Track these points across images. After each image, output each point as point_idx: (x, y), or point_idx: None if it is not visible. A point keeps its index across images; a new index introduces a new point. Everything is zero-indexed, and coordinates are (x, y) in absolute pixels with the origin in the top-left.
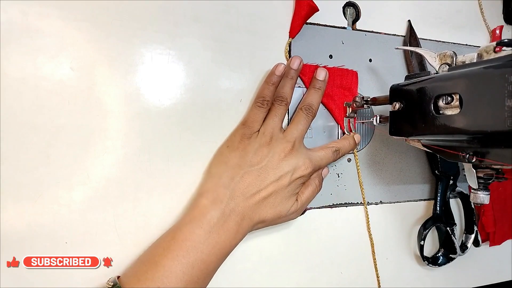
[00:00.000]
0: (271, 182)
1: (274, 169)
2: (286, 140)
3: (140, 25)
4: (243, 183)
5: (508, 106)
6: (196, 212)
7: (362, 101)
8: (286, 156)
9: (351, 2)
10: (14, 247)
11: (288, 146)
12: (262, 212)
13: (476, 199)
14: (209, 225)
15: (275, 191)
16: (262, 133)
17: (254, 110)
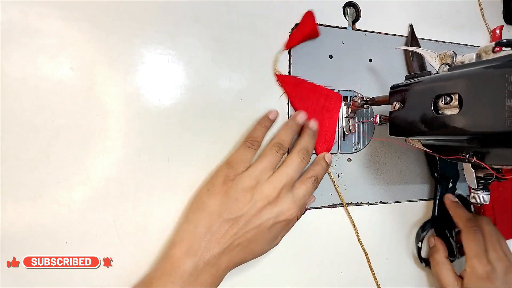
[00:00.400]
0: (250, 229)
1: (254, 217)
2: (273, 187)
3: (140, 25)
4: (220, 233)
5: (508, 106)
6: (168, 264)
7: (362, 101)
8: (270, 204)
9: (351, 2)
10: (14, 247)
11: (273, 193)
12: (240, 257)
13: (476, 199)
14: (181, 280)
15: (255, 238)
16: (248, 175)
17: (242, 150)
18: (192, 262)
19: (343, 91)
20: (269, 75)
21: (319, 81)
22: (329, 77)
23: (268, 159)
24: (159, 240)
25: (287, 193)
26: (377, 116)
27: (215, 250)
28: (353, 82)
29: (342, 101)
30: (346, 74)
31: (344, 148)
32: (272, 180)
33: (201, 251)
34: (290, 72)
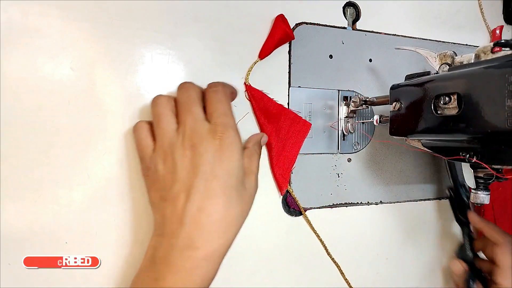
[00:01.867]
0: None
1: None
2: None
3: (140, 25)
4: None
5: (508, 106)
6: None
7: (362, 101)
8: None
9: (351, 2)
10: (14, 247)
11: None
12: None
13: (476, 199)
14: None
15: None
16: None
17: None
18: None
19: (343, 91)
20: (268, 75)
21: (319, 81)
22: (329, 77)
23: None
24: None
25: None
26: (376, 116)
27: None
28: (353, 82)
29: (342, 101)
30: (346, 74)
31: (344, 148)
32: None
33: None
34: (290, 72)
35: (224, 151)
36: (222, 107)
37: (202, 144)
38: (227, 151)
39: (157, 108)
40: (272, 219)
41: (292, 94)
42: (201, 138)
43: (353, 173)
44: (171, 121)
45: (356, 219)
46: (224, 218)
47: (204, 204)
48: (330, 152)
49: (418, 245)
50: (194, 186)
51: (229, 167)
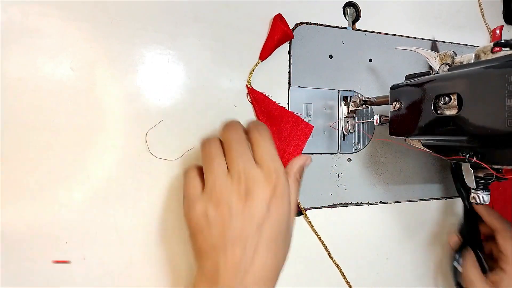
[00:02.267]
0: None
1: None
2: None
3: (140, 25)
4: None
5: (508, 106)
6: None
7: (362, 101)
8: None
9: (351, 2)
10: (14, 247)
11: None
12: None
13: (476, 199)
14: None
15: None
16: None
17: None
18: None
19: (343, 91)
20: (268, 75)
21: (319, 81)
22: (329, 77)
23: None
24: (159, 240)
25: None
26: (376, 116)
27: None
28: (353, 82)
29: (342, 101)
30: (346, 74)
31: (344, 148)
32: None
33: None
34: (290, 72)
35: (278, 198)
36: (271, 151)
37: (257, 191)
38: (280, 199)
39: (208, 149)
40: None
41: (292, 94)
42: (257, 184)
43: (353, 173)
44: (222, 163)
45: (356, 219)
46: (274, 265)
47: (258, 255)
48: (330, 152)
49: (418, 245)
50: (249, 236)
51: (281, 215)
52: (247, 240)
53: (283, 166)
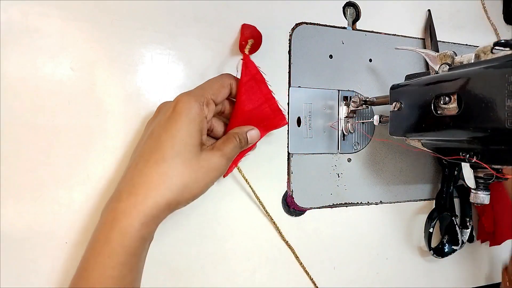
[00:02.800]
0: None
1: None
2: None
3: (140, 25)
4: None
5: (508, 106)
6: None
7: (362, 101)
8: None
9: (351, 2)
10: (14, 247)
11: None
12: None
13: (476, 199)
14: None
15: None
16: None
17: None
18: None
19: (343, 91)
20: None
21: (319, 81)
22: (329, 77)
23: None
24: (159, 240)
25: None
26: (376, 116)
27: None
28: (353, 82)
29: (342, 101)
30: (346, 74)
31: (344, 148)
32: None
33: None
34: (290, 72)
35: (171, 118)
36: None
37: (160, 113)
38: (173, 118)
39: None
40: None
41: (292, 94)
42: (164, 107)
43: (353, 173)
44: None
45: (356, 219)
46: (162, 180)
47: (146, 167)
48: (330, 152)
49: (418, 245)
50: (144, 152)
51: (173, 133)
52: (141, 155)
53: (200, 94)
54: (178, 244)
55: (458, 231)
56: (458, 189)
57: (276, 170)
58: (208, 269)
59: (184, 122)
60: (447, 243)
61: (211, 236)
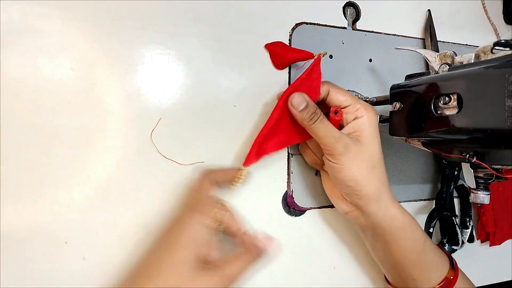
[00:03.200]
0: None
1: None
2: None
3: (140, 25)
4: None
5: (508, 106)
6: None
7: None
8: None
9: (351, 2)
10: (14, 247)
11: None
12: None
13: (476, 199)
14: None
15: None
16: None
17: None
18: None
19: None
20: (268, 75)
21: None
22: (329, 77)
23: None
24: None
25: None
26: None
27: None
28: (353, 82)
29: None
30: (346, 74)
31: None
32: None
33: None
34: (290, 72)
35: (170, 235)
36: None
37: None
38: (172, 237)
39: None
40: (272, 219)
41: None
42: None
43: None
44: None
45: None
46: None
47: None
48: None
49: None
50: (147, 260)
51: (170, 250)
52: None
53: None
54: None
55: (458, 231)
56: (458, 189)
57: (276, 170)
58: None
59: (182, 243)
60: (447, 243)
61: None
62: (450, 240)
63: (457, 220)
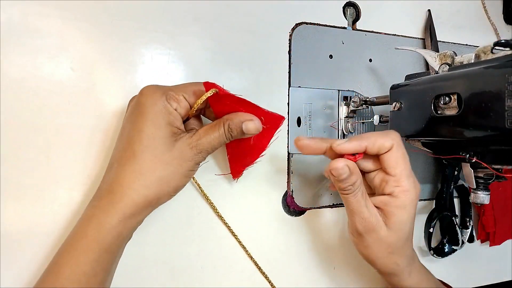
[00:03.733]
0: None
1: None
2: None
3: (140, 25)
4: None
5: (508, 106)
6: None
7: (362, 101)
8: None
9: (351, 2)
10: (14, 247)
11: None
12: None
13: (476, 199)
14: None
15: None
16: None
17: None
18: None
19: (343, 91)
20: (268, 75)
21: (319, 81)
22: (329, 77)
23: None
24: (159, 240)
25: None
26: (376, 116)
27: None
28: (353, 82)
29: (342, 101)
30: (346, 74)
31: None
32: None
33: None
34: (290, 72)
35: (136, 112)
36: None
37: (128, 108)
38: (139, 112)
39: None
40: (272, 219)
41: (292, 94)
42: (131, 101)
43: None
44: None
45: None
46: (136, 178)
47: (120, 165)
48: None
49: (418, 245)
50: (117, 150)
51: (140, 128)
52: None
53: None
54: (178, 244)
55: (458, 231)
56: (458, 189)
57: (276, 170)
58: (208, 269)
59: (150, 114)
60: (447, 243)
61: (211, 236)
62: (450, 240)
63: (457, 220)
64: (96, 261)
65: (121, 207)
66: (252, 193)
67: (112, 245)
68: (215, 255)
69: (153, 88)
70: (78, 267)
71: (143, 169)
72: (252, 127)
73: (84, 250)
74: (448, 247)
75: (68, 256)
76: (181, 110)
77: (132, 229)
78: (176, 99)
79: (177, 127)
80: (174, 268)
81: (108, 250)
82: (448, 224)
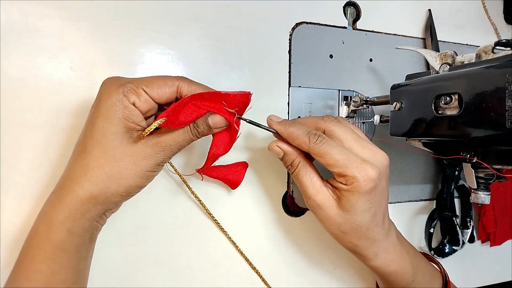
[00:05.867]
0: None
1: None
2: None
3: (140, 25)
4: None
5: (509, 106)
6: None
7: (362, 101)
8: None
9: (351, 1)
10: (14, 247)
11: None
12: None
13: (477, 199)
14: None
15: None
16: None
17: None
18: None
19: (343, 91)
20: (269, 75)
21: (319, 81)
22: (329, 77)
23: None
24: (159, 240)
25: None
26: (376, 116)
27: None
28: (353, 82)
29: (342, 101)
30: (346, 74)
31: None
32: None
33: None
34: (290, 72)
35: (93, 104)
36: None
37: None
38: (94, 105)
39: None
40: (272, 220)
41: (292, 94)
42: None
43: None
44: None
45: None
46: (83, 172)
47: (72, 159)
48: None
49: (419, 245)
50: (76, 142)
51: (93, 121)
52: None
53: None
54: (178, 245)
55: (459, 231)
56: (459, 189)
57: (276, 170)
58: (208, 269)
59: (102, 108)
60: (448, 243)
61: (211, 236)
62: (450, 240)
63: (457, 220)
64: (51, 259)
65: (67, 203)
66: (252, 194)
67: (64, 243)
68: (215, 256)
69: (111, 80)
70: (33, 265)
71: (92, 165)
72: (218, 120)
73: (38, 248)
74: (448, 247)
75: (25, 254)
76: (141, 104)
77: (84, 228)
78: (135, 92)
79: (134, 122)
80: (174, 269)
81: (61, 248)
82: (448, 224)
